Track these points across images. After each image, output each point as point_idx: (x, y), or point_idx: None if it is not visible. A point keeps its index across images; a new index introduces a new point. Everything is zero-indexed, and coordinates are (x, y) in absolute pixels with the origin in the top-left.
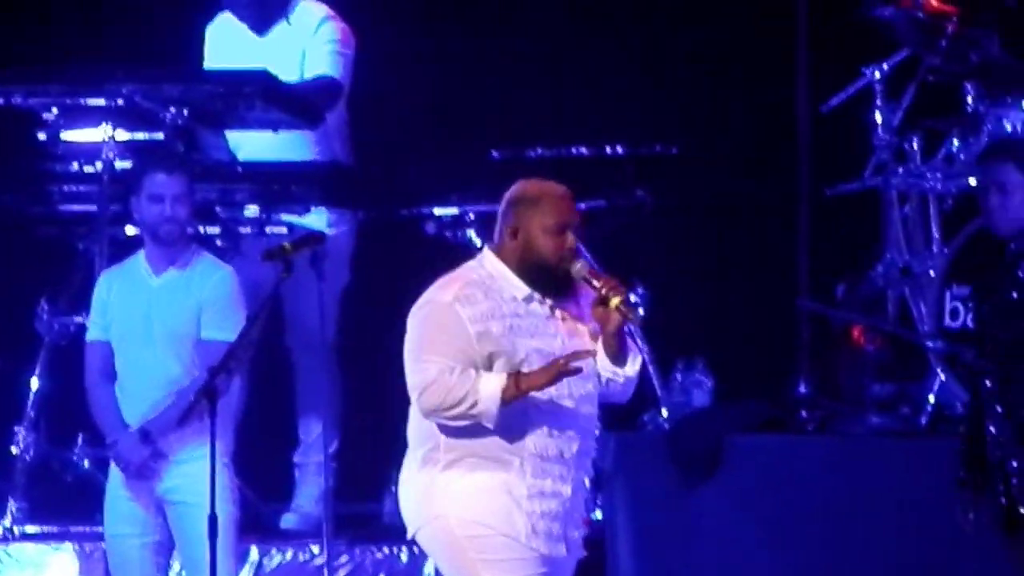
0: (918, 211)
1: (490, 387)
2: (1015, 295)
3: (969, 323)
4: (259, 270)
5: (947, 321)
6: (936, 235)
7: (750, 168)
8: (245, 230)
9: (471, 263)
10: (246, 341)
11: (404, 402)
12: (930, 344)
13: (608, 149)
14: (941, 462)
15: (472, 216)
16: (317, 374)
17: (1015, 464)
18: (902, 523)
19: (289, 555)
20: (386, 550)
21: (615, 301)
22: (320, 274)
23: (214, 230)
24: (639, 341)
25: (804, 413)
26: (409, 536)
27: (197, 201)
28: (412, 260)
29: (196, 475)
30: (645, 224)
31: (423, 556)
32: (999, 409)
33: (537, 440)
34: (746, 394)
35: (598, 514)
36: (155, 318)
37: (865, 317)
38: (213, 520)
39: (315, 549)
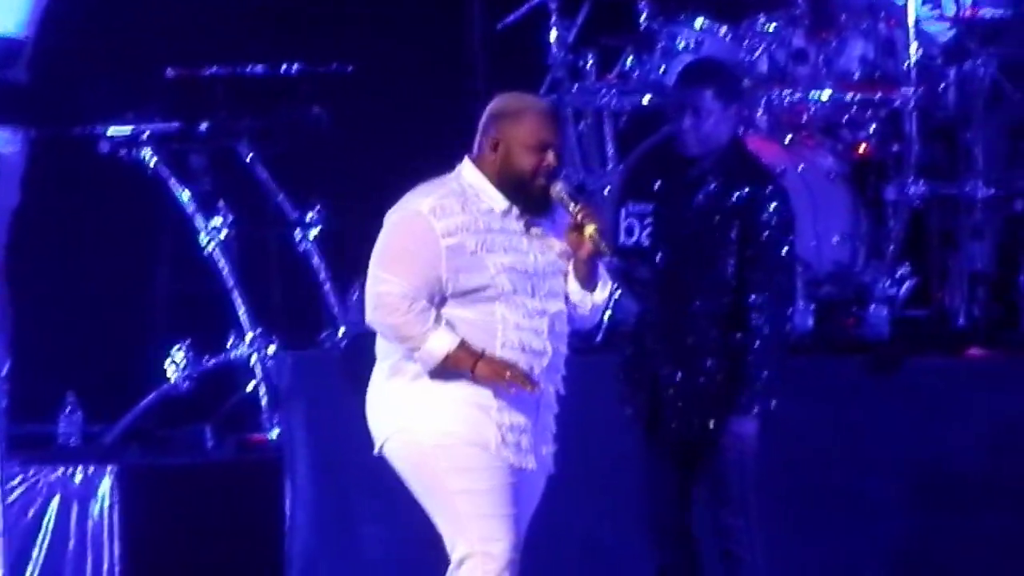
0: (593, 129)
1: (437, 345)
2: (690, 216)
3: (644, 240)
4: None
5: (622, 238)
6: (611, 152)
7: (427, 86)
8: None
9: (450, 174)
10: None
11: (78, 323)
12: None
13: (284, 67)
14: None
15: (147, 135)
16: None
17: (663, 375)
18: (576, 438)
19: None
20: (60, 471)
21: (590, 228)
22: None
23: None
24: (316, 260)
25: None
26: (376, 449)
27: None
28: (86, 179)
29: None
30: (322, 142)
31: (97, 476)
32: (660, 327)
33: (507, 354)
34: None
35: (275, 433)
36: None
37: None
38: None
39: None
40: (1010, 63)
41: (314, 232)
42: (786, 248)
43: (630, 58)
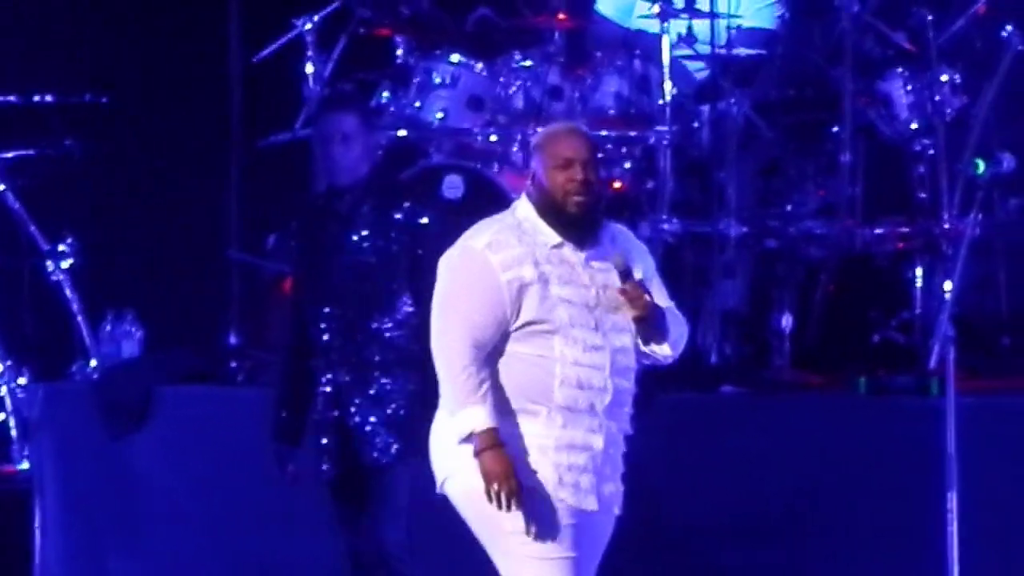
0: None
1: (468, 420)
2: (354, 245)
3: None
4: None
5: None
6: None
7: (182, 118)
8: None
9: (506, 211)
10: None
11: None
12: None
13: (36, 98)
14: None
15: None
16: None
17: (348, 401)
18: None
19: None
20: None
21: (634, 315)
22: None
23: None
24: (68, 291)
25: (234, 364)
26: (438, 488)
27: None
28: None
29: None
30: (75, 174)
31: None
32: (341, 348)
33: (565, 392)
34: (177, 345)
35: (25, 464)
36: None
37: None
38: None
39: None
40: (763, 103)
41: (66, 263)
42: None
43: (386, 92)
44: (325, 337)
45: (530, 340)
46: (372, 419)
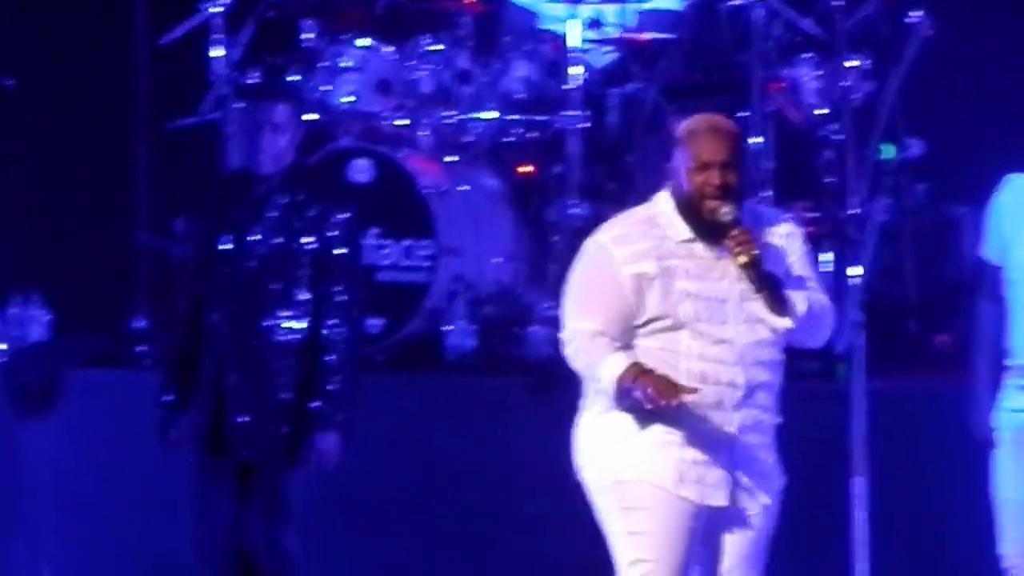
0: None
1: (608, 373)
2: (263, 235)
3: None
4: None
5: None
6: None
7: (88, 101)
8: None
9: (646, 203)
10: None
11: None
12: None
13: None
14: None
15: None
16: None
17: (231, 391)
18: None
19: None
20: None
21: (741, 260)
22: None
23: None
24: None
25: (142, 348)
26: (580, 478)
27: None
28: None
29: None
30: None
31: None
32: (231, 342)
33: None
34: (84, 329)
35: None
36: None
37: None
38: None
39: None
40: (670, 87)
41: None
42: (355, 260)
43: (294, 76)
44: (213, 326)
45: (656, 335)
46: (256, 415)
